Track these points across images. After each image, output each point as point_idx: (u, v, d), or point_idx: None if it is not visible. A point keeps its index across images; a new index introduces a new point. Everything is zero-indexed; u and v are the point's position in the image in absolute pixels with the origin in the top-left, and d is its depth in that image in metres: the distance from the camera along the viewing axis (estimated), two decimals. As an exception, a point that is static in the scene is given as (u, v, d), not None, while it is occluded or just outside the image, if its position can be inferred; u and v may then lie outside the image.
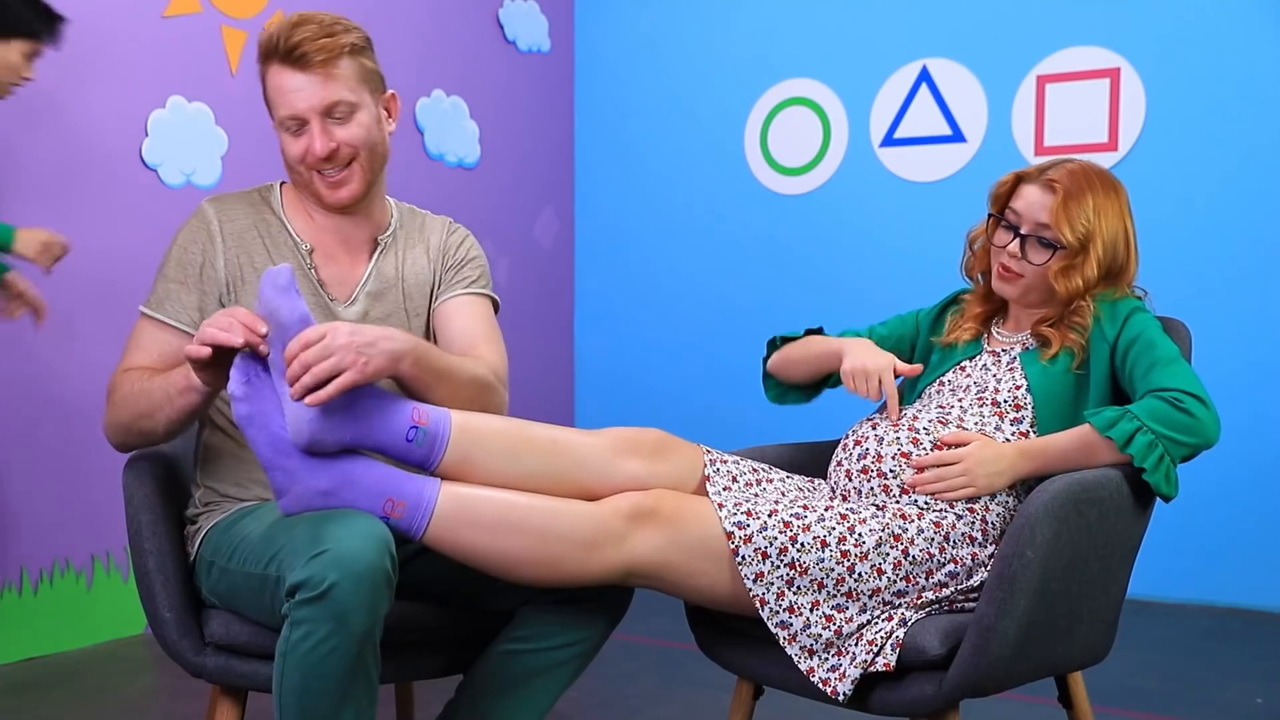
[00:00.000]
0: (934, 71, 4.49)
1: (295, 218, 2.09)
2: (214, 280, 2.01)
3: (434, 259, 2.16)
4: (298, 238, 2.07)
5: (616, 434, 1.99)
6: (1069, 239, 2.06)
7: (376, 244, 2.12)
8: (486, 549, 1.82)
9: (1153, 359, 1.98)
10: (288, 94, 1.98)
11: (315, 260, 2.06)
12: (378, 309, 2.09)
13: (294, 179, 2.08)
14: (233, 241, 2.03)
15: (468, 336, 2.10)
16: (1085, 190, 2.07)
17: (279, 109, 2.00)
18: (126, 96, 3.59)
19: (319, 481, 1.77)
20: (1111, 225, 2.08)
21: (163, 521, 1.97)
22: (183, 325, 1.99)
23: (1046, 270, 2.08)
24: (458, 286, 2.15)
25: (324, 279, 2.06)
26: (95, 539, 3.51)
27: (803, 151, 4.78)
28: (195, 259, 2.01)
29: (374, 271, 2.10)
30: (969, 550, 1.93)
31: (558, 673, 1.96)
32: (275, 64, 1.99)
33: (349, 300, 2.07)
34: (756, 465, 2.09)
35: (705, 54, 4.95)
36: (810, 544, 1.86)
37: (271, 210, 2.09)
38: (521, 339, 5.00)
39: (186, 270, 2.01)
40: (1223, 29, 4.05)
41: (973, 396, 2.10)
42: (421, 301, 2.14)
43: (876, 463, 2.01)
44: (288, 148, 2.02)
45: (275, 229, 2.07)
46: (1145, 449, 1.89)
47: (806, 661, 1.85)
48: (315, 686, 1.67)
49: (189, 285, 2.00)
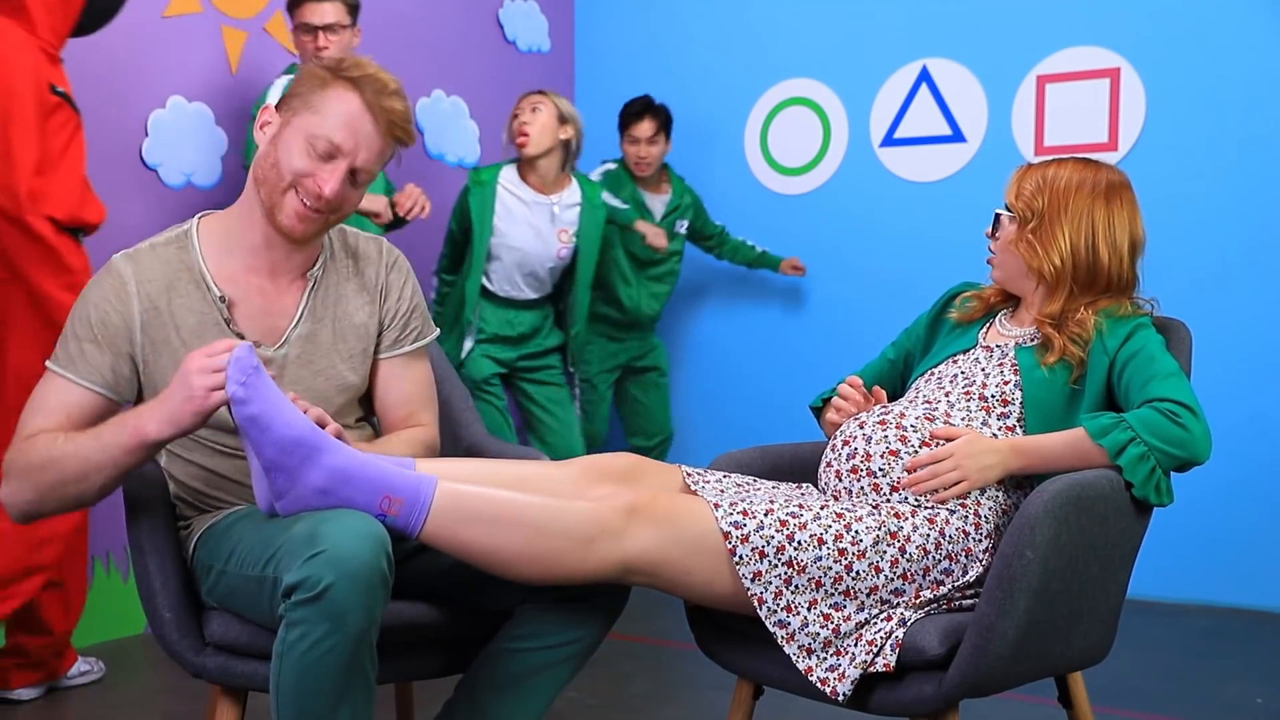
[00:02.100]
0: (934, 71, 4.49)
1: (213, 258, 1.99)
2: (128, 340, 1.93)
3: (374, 299, 2.09)
4: (216, 288, 1.97)
5: (585, 462, 2.01)
6: (1018, 207, 2.13)
7: (306, 279, 2.04)
8: (484, 545, 1.82)
9: (1152, 372, 1.99)
10: (349, 127, 1.92)
11: (233, 313, 1.98)
12: (310, 350, 2.03)
13: (267, 185, 1.95)
14: (147, 303, 1.94)
15: (408, 403, 2.12)
16: (1052, 171, 2.14)
17: (326, 127, 1.91)
18: (126, 96, 3.59)
19: (316, 479, 1.77)
20: (1086, 215, 2.10)
21: (163, 521, 1.97)
22: (94, 386, 1.91)
23: (1010, 247, 2.14)
24: (405, 343, 2.12)
25: (242, 329, 1.98)
26: (95, 539, 3.50)
27: (803, 151, 4.78)
28: (111, 318, 1.92)
29: (306, 312, 2.03)
30: (964, 545, 1.93)
31: (556, 671, 1.96)
32: (355, 95, 1.93)
33: (278, 344, 2.01)
34: (741, 479, 2.09)
35: (705, 54, 4.95)
36: (807, 542, 1.86)
37: (186, 264, 1.98)
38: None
39: (100, 329, 1.92)
40: (1223, 29, 4.05)
41: (960, 390, 2.10)
42: (356, 344, 2.07)
43: (865, 461, 2.01)
44: (295, 159, 1.92)
45: (192, 285, 1.97)
46: (1136, 461, 1.90)
47: (805, 661, 1.85)
48: (312, 686, 1.67)
49: (101, 345, 1.92)
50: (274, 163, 1.94)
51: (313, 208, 1.93)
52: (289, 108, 1.96)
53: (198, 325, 1.96)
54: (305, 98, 1.95)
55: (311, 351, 2.03)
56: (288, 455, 1.76)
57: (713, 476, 2.06)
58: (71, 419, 1.90)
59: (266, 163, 1.95)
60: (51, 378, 1.94)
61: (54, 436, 1.86)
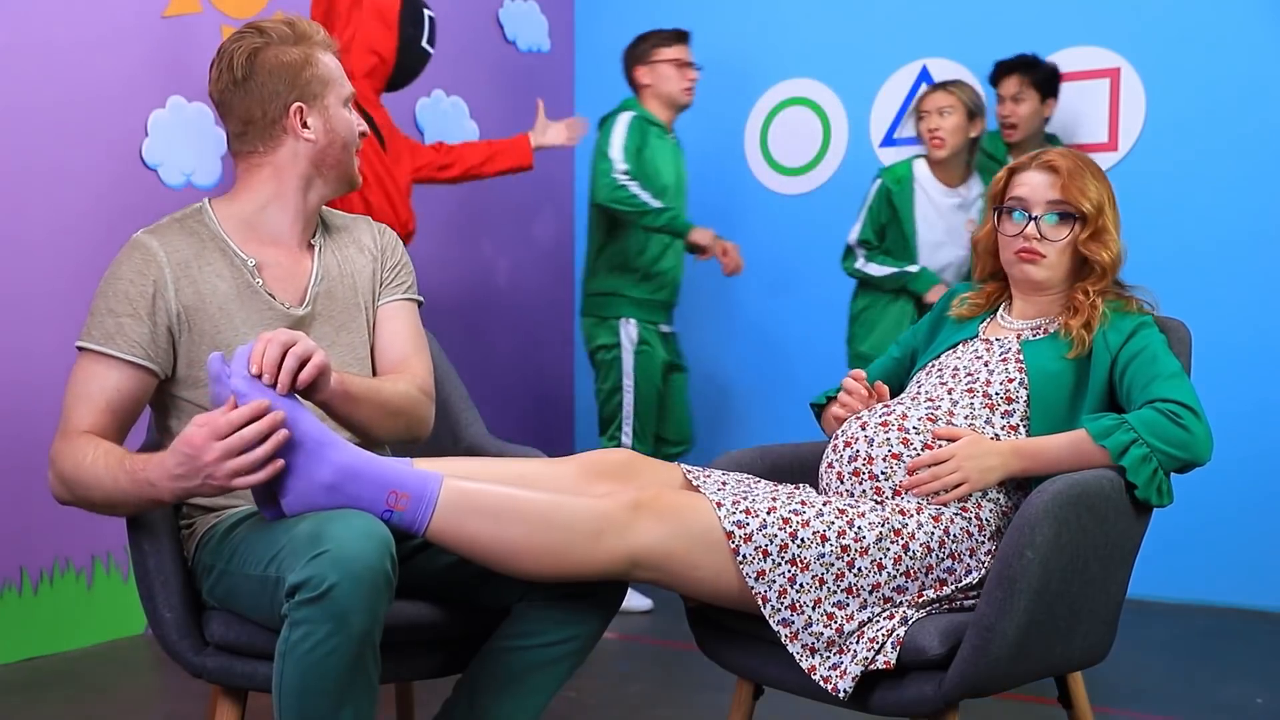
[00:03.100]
0: (934, 71, 4.49)
1: (234, 234, 2.04)
2: (165, 312, 1.95)
3: (373, 256, 2.17)
4: (242, 254, 2.03)
5: (583, 459, 2.01)
6: (1086, 207, 2.10)
7: (311, 245, 2.12)
8: (491, 539, 1.82)
9: (1154, 372, 1.99)
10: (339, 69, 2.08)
11: (262, 275, 2.04)
12: (330, 306, 2.09)
13: (342, 163, 2.08)
14: (180, 272, 1.97)
15: (399, 347, 2.14)
16: (1083, 165, 2.14)
17: (345, 82, 2.08)
18: (126, 96, 3.59)
19: (323, 475, 1.77)
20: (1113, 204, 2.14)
21: (163, 521, 1.97)
22: (137, 359, 1.92)
23: (1072, 244, 2.12)
24: (396, 291, 2.17)
25: (273, 290, 2.04)
26: (95, 539, 3.50)
27: (803, 151, 4.78)
28: (145, 290, 1.94)
29: (319, 271, 2.10)
30: (967, 545, 1.93)
31: (554, 669, 1.96)
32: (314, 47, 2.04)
33: (302, 302, 2.07)
34: (741, 477, 2.09)
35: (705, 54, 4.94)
36: (810, 539, 1.86)
37: (210, 233, 2.03)
38: (521, 339, 5.00)
39: (136, 303, 1.93)
40: (1223, 29, 4.05)
41: (963, 387, 2.10)
42: (368, 295, 2.15)
43: (868, 464, 2.01)
44: (347, 125, 2.07)
45: (218, 253, 2.02)
46: (1138, 462, 1.90)
47: (808, 660, 1.85)
48: (315, 687, 1.67)
49: (140, 317, 1.93)
50: (342, 142, 2.06)
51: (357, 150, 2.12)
52: (311, 95, 2.03)
53: (230, 290, 2.00)
54: (310, 82, 2.02)
55: (331, 307, 2.09)
56: (292, 451, 1.76)
57: (713, 476, 2.06)
58: (112, 406, 1.91)
59: (335, 146, 2.06)
60: (90, 359, 1.93)
61: (92, 449, 1.86)
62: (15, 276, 3.34)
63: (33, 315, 3.37)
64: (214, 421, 1.73)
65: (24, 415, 3.35)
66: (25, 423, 3.35)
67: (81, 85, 3.48)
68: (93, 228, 3.49)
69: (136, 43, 3.60)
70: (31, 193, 3.38)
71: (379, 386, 2.01)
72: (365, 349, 2.13)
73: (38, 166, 3.39)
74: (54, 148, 3.42)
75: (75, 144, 3.46)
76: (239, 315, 2.00)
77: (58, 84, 3.41)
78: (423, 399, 2.08)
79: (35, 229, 3.38)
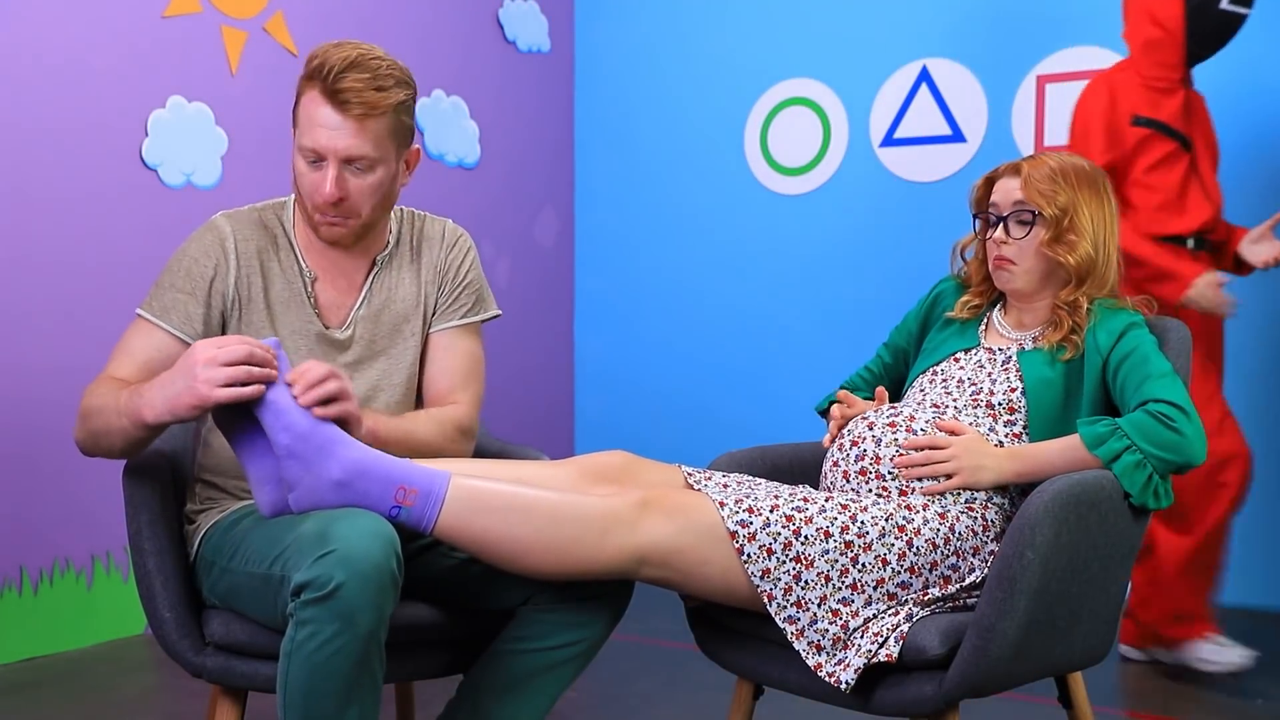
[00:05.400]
0: (934, 71, 4.49)
1: (302, 237, 2.08)
2: (221, 295, 2.01)
3: (426, 279, 2.14)
4: (304, 264, 2.06)
5: (581, 462, 2.01)
6: (1047, 209, 2.10)
7: (374, 263, 2.11)
8: (498, 535, 1.81)
9: (1146, 373, 1.99)
10: (317, 128, 1.93)
11: (316, 289, 2.06)
12: (371, 330, 2.09)
13: (298, 200, 2.06)
14: (244, 261, 2.02)
15: (447, 380, 2.12)
16: (1057, 169, 2.13)
17: (304, 136, 1.95)
18: (126, 96, 3.59)
19: (333, 471, 1.76)
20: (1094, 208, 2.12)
21: (162, 521, 1.97)
22: (185, 336, 1.98)
23: (1039, 249, 2.11)
24: (452, 316, 2.15)
25: (320, 306, 2.06)
26: (95, 539, 3.51)
27: (803, 151, 4.78)
28: (207, 272, 2.00)
29: (367, 296, 2.09)
30: (971, 544, 1.94)
31: (558, 672, 1.96)
32: (316, 91, 1.94)
33: (343, 325, 2.08)
34: (741, 477, 2.09)
35: (705, 54, 4.95)
36: (814, 536, 1.86)
37: (283, 230, 2.08)
38: (521, 339, 5.00)
39: (196, 282, 1.99)
40: (1222, 29, 4.04)
41: (967, 396, 2.11)
42: (418, 322, 2.13)
43: (874, 464, 2.01)
44: (301, 177, 1.99)
45: (285, 252, 2.06)
46: (1132, 469, 1.90)
47: (814, 657, 1.85)
48: (320, 686, 1.67)
49: (197, 297, 1.99)
50: (294, 185, 2.03)
51: (329, 215, 1.99)
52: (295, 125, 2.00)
53: (283, 293, 2.04)
54: (295, 112, 1.99)
55: (372, 331, 2.09)
56: (304, 442, 1.76)
57: (714, 477, 2.06)
58: (151, 365, 1.94)
59: (291, 183, 2.03)
60: (143, 324, 1.99)
61: (114, 385, 1.89)
62: (15, 276, 3.35)
63: (32, 312, 3.37)
64: (218, 338, 1.78)
65: (24, 413, 3.35)
66: (25, 421, 3.36)
67: (81, 85, 3.48)
68: (92, 227, 3.49)
69: (136, 43, 3.60)
70: (31, 192, 3.38)
71: (412, 430, 2.00)
72: (403, 374, 2.11)
73: (38, 166, 3.39)
74: (54, 148, 3.42)
75: (75, 144, 3.47)
76: (283, 319, 2.03)
77: (58, 84, 3.42)
78: (458, 440, 2.07)
79: (35, 229, 3.38)
